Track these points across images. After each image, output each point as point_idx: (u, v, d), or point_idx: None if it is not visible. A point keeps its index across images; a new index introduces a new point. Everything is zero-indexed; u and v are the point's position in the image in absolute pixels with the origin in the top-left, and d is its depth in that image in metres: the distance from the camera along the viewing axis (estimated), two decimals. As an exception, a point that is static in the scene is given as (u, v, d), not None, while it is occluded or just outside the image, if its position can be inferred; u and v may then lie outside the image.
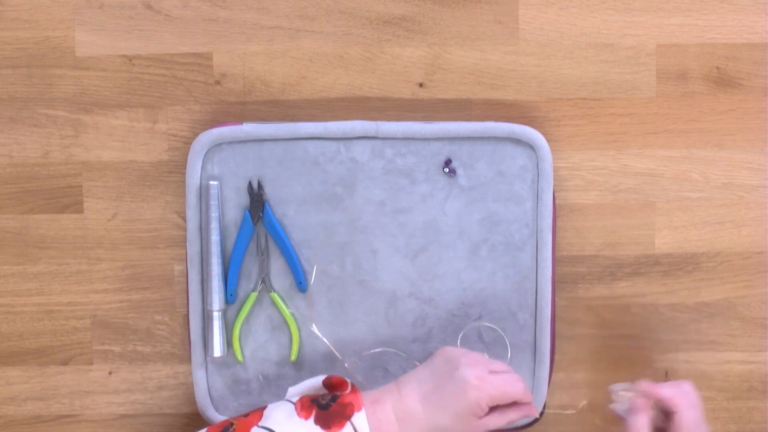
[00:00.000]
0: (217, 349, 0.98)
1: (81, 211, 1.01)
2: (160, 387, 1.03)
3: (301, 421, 0.83)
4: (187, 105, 1.00)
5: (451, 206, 0.98)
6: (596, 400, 1.04)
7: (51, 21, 0.99)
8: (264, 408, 0.86)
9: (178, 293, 1.02)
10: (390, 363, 0.99)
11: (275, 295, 0.99)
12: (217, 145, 0.97)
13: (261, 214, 0.98)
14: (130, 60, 0.99)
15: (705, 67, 1.00)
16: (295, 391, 0.89)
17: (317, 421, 0.83)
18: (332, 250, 0.98)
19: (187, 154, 0.98)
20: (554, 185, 0.99)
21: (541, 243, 0.98)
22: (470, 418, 0.84)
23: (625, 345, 1.03)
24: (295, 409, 0.84)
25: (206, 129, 0.97)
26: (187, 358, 1.02)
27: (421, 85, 1.00)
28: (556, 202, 1.00)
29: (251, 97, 1.00)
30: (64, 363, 1.03)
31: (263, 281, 0.99)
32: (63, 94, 1.00)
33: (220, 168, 0.97)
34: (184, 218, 1.00)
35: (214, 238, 0.97)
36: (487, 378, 0.85)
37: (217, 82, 1.00)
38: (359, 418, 0.83)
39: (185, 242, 0.99)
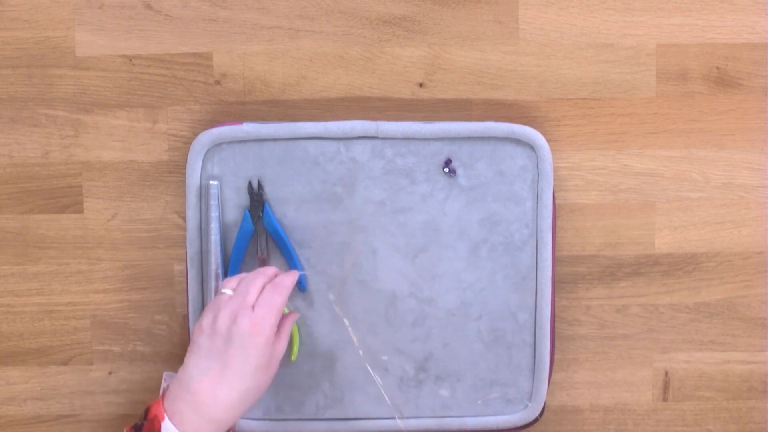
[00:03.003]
0: (217, 349, 0.98)
1: (81, 211, 1.01)
2: (159, 387, 1.02)
3: None
4: (187, 105, 1.00)
5: (451, 206, 0.98)
6: (598, 399, 1.04)
7: (51, 21, 0.99)
8: None
9: (178, 293, 1.02)
10: (390, 363, 0.99)
11: (275, 295, 0.99)
12: (217, 145, 0.97)
13: (261, 214, 0.98)
14: (130, 60, 0.99)
15: (705, 67, 1.00)
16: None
17: None
18: (332, 250, 0.98)
19: (187, 154, 0.98)
20: (554, 185, 0.99)
21: (541, 243, 0.98)
22: (269, 358, 0.85)
23: (625, 345, 1.03)
24: None
25: (206, 129, 0.97)
26: (187, 358, 1.02)
27: (421, 85, 1.00)
28: (556, 202, 1.00)
29: (251, 97, 1.00)
30: (64, 363, 1.03)
31: (263, 281, 0.99)
32: (63, 94, 1.00)
33: (220, 168, 0.97)
34: (184, 218, 1.00)
35: (214, 238, 0.97)
36: (259, 317, 0.84)
37: (217, 82, 1.00)
38: (166, 427, 0.82)
39: (185, 242, 0.99)
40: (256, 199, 0.97)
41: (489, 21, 0.99)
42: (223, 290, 0.88)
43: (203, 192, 0.97)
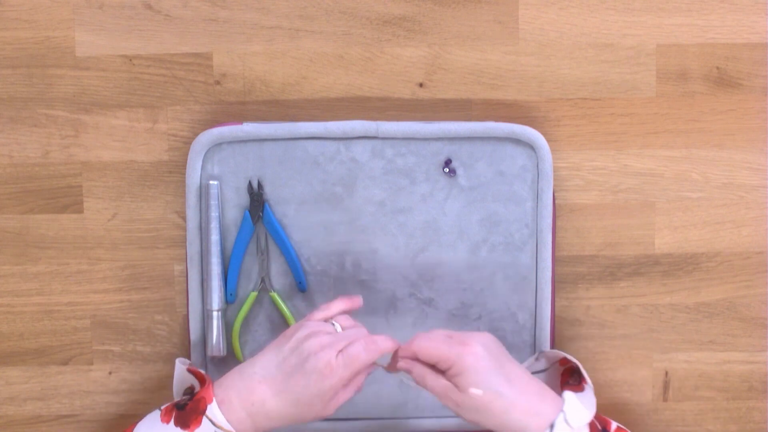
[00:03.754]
0: (217, 349, 0.98)
1: (81, 211, 1.01)
2: (160, 387, 1.02)
3: (164, 425, 0.85)
4: (187, 105, 1.00)
5: (451, 206, 0.98)
6: (598, 399, 1.03)
7: (51, 21, 0.99)
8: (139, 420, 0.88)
9: (178, 293, 1.02)
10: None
11: (275, 295, 0.99)
12: (217, 145, 0.97)
13: (261, 214, 0.98)
14: (130, 60, 0.99)
15: (705, 67, 1.00)
16: (175, 381, 0.93)
17: (177, 423, 0.85)
18: (332, 250, 0.98)
19: (187, 154, 0.98)
20: (554, 185, 0.99)
21: (541, 243, 0.98)
22: (326, 402, 0.84)
23: (625, 345, 1.03)
24: (159, 415, 0.86)
25: (206, 129, 0.97)
26: (187, 358, 1.02)
27: (421, 85, 1.00)
28: (556, 202, 1.00)
29: (251, 97, 1.00)
30: (64, 363, 1.03)
31: (263, 281, 0.99)
32: (63, 94, 1.00)
33: (220, 168, 0.97)
34: (184, 218, 1.00)
35: (214, 237, 0.97)
36: (335, 364, 0.83)
37: (217, 82, 1.00)
38: (212, 410, 0.84)
39: (185, 242, 0.99)
40: (256, 199, 0.97)
41: (489, 21, 0.99)
42: (334, 322, 0.88)
43: (203, 192, 0.97)
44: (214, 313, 0.98)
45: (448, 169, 0.97)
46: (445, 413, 1.00)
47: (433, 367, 0.85)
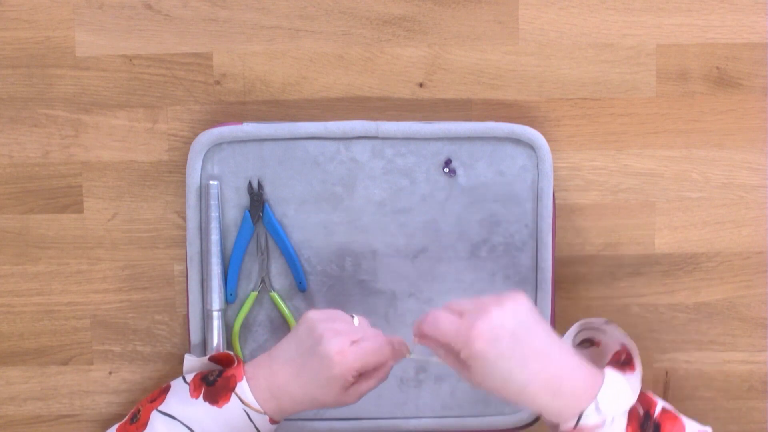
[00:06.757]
0: (217, 349, 0.98)
1: (81, 211, 1.01)
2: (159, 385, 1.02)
3: (193, 400, 0.88)
4: (187, 105, 1.00)
5: (451, 206, 0.98)
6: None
7: (51, 21, 0.99)
8: (168, 387, 0.91)
9: (178, 293, 1.02)
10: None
11: (275, 295, 0.99)
12: (217, 145, 0.97)
13: (261, 214, 0.98)
14: (130, 60, 0.99)
15: (705, 67, 1.00)
16: (190, 365, 0.94)
17: (206, 398, 0.88)
18: (332, 250, 0.98)
19: (187, 154, 0.98)
20: (554, 185, 0.99)
21: (541, 243, 0.98)
22: (339, 389, 0.85)
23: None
24: (189, 389, 0.89)
25: (206, 129, 0.97)
26: (187, 358, 1.02)
27: (421, 85, 1.00)
28: (556, 202, 1.00)
29: (251, 97, 1.00)
30: (64, 363, 1.03)
31: (263, 281, 0.99)
32: (63, 94, 1.00)
33: (220, 168, 0.97)
34: (184, 218, 1.00)
35: (214, 237, 0.97)
36: (348, 351, 0.84)
37: (217, 82, 1.00)
38: (242, 388, 0.87)
39: (185, 242, 0.99)
40: (256, 199, 0.97)
41: (489, 21, 0.99)
42: (355, 315, 0.89)
43: (203, 192, 0.97)
44: (214, 313, 0.98)
45: (448, 169, 0.97)
46: (445, 413, 1.00)
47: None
